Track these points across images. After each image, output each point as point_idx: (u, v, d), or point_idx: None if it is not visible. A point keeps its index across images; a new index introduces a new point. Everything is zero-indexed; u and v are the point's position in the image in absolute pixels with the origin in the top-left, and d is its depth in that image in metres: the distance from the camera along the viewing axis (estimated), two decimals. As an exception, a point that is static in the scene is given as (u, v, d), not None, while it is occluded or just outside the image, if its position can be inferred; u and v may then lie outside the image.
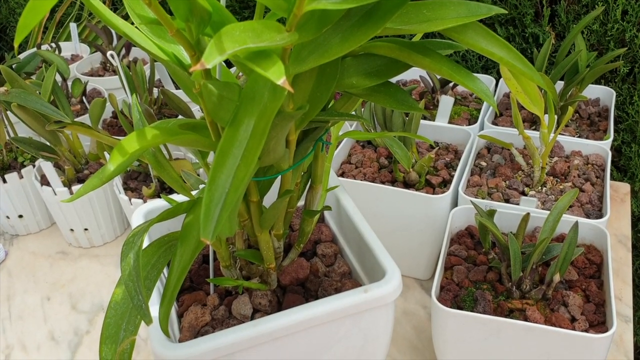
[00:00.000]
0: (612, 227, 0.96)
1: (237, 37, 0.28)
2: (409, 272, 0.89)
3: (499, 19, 1.28)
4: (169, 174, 0.50)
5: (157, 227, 0.65)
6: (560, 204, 0.66)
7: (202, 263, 0.61)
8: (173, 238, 0.47)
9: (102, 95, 1.21)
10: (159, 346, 0.45)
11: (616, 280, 0.86)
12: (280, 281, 0.56)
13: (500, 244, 0.65)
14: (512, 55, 0.37)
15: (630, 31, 1.14)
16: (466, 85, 0.37)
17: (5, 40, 2.05)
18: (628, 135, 1.23)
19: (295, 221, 0.65)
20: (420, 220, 0.82)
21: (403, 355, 0.77)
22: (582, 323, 0.61)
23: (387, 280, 0.50)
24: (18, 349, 0.82)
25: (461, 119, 1.02)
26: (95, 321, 0.86)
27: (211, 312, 0.54)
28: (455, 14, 0.35)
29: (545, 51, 0.97)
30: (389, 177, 0.87)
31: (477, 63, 1.34)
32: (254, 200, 0.46)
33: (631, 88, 1.19)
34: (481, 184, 0.85)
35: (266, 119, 0.32)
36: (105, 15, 0.37)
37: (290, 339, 0.48)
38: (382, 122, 0.92)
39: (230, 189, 0.32)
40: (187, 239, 0.43)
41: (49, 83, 0.90)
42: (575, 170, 0.87)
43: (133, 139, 0.34)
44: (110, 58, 0.77)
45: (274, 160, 0.41)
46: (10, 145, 1.02)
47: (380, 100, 0.42)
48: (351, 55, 0.41)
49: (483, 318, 0.60)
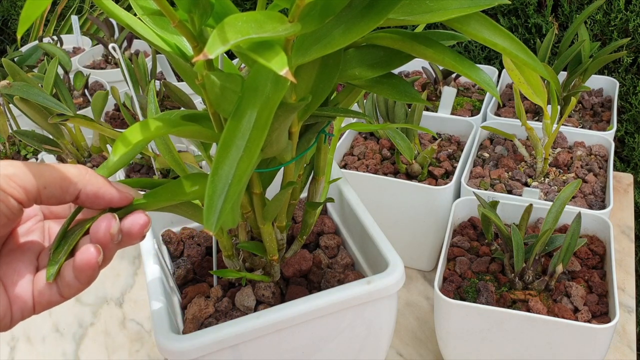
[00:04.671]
0: (615, 217, 0.95)
1: (240, 27, 0.28)
2: (412, 264, 0.90)
3: (502, 10, 1.28)
4: (177, 162, 0.50)
5: (159, 218, 0.65)
6: (563, 195, 0.66)
7: (205, 255, 0.62)
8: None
9: (104, 88, 1.21)
10: (162, 338, 0.45)
11: (619, 271, 0.86)
12: (284, 273, 0.57)
13: (503, 235, 0.65)
14: (514, 46, 0.37)
15: (633, 21, 1.13)
16: (469, 76, 0.37)
17: (7, 34, 2.05)
18: (631, 126, 1.23)
19: (298, 213, 0.65)
20: (423, 212, 0.82)
21: (406, 346, 0.77)
22: (584, 314, 0.61)
23: (390, 272, 0.50)
24: (23, 340, 0.83)
25: (464, 110, 1.02)
26: (99, 313, 0.86)
27: (215, 303, 0.54)
28: (458, 5, 0.35)
29: (548, 41, 0.97)
30: (391, 169, 0.86)
31: (480, 54, 1.34)
32: (256, 192, 0.46)
33: (634, 78, 1.19)
34: (484, 175, 0.85)
35: (269, 110, 0.32)
36: (108, 6, 0.37)
37: (294, 330, 0.49)
38: (385, 114, 0.92)
39: (233, 181, 0.32)
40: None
41: (51, 76, 0.90)
42: (578, 161, 0.87)
43: (136, 129, 0.34)
44: (112, 50, 0.77)
45: (276, 152, 0.41)
46: (13, 138, 1.02)
47: (382, 91, 0.42)
48: (354, 46, 0.41)
49: (486, 309, 0.60)
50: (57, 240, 0.37)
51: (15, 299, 0.36)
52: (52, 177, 0.35)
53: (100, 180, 0.37)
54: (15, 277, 0.36)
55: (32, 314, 0.37)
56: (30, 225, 0.40)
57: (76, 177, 0.36)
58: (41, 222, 0.41)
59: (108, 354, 0.80)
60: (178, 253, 0.62)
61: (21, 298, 0.36)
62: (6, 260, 0.37)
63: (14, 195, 0.33)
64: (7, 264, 0.37)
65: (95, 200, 0.37)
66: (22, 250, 0.38)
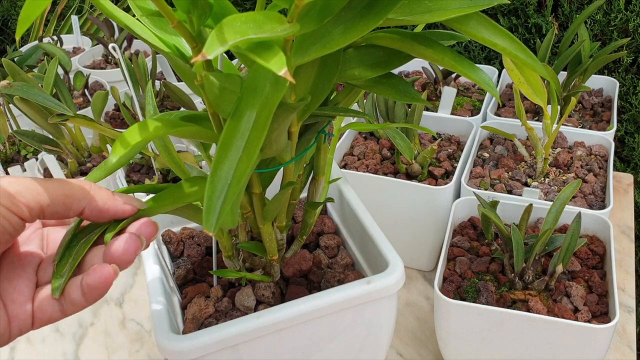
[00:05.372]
0: (615, 217, 0.95)
1: (239, 28, 0.28)
2: (412, 264, 0.89)
3: (502, 10, 1.27)
4: (176, 163, 0.50)
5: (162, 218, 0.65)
6: (563, 195, 0.66)
7: (205, 255, 0.62)
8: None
9: (104, 88, 1.21)
10: (162, 338, 0.45)
11: (619, 271, 0.86)
12: (283, 273, 0.57)
13: (503, 235, 0.65)
14: (514, 46, 0.37)
15: (633, 21, 1.13)
16: (468, 76, 0.37)
17: (7, 34, 2.05)
18: (631, 126, 1.23)
19: (298, 213, 0.65)
20: (423, 212, 0.82)
21: (406, 346, 0.77)
22: (584, 314, 0.61)
23: (390, 272, 0.50)
24: (23, 340, 0.83)
25: (464, 110, 1.02)
26: (99, 313, 0.86)
27: (215, 303, 0.54)
28: (458, 5, 0.35)
29: (548, 41, 0.97)
30: (391, 169, 0.86)
31: (480, 54, 1.34)
32: (256, 192, 0.46)
33: (634, 78, 1.19)
34: (484, 175, 0.85)
35: (268, 110, 0.32)
36: (107, 7, 0.37)
37: (294, 330, 0.49)
38: (385, 114, 0.92)
39: (232, 181, 0.32)
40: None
41: (51, 76, 0.90)
42: (578, 161, 0.87)
43: (135, 130, 0.34)
44: (112, 50, 0.77)
45: (276, 152, 0.41)
46: (13, 138, 1.02)
47: (382, 91, 0.42)
48: (353, 46, 0.41)
49: (486, 309, 0.60)
50: (61, 251, 0.37)
51: (15, 317, 0.36)
52: (56, 194, 0.35)
53: (104, 195, 0.37)
54: (15, 295, 0.36)
55: (31, 329, 0.37)
56: (29, 234, 0.40)
57: (80, 193, 0.36)
58: (40, 230, 0.41)
59: (108, 354, 0.80)
60: (178, 253, 0.62)
61: (20, 315, 0.36)
62: (6, 276, 0.37)
63: (18, 213, 0.33)
64: (7, 280, 0.37)
65: (99, 215, 0.37)
66: (22, 265, 0.38)
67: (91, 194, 0.36)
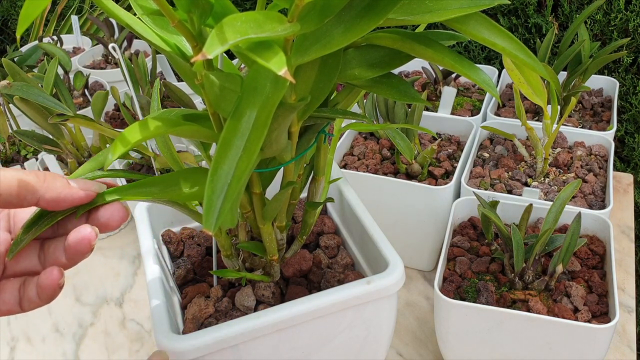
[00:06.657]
0: (615, 217, 0.95)
1: (239, 27, 0.28)
2: (412, 264, 0.90)
3: (502, 10, 1.28)
4: (177, 161, 0.50)
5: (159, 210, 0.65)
6: (563, 195, 0.66)
7: (205, 255, 0.62)
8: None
9: (104, 88, 1.21)
10: (162, 338, 0.45)
11: (619, 271, 0.86)
12: (283, 273, 0.57)
13: (503, 235, 0.65)
14: (514, 46, 0.37)
15: (633, 21, 1.13)
16: (468, 76, 0.37)
17: (6, 33, 2.05)
18: (631, 126, 1.23)
19: (298, 213, 0.65)
20: (423, 212, 0.82)
21: (406, 346, 0.77)
22: (584, 314, 0.61)
23: (390, 272, 0.50)
24: (23, 340, 0.83)
25: (464, 110, 1.02)
26: (99, 313, 0.86)
27: (215, 303, 0.54)
28: (458, 5, 0.35)
29: (548, 41, 0.97)
30: (391, 169, 0.86)
31: (480, 54, 1.34)
32: (256, 192, 0.46)
33: (635, 78, 1.19)
34: (484, 175, 0.85)
35: (268, 110, 0.32)
36: (108, 6, 0.37)
37: (294, 330, 0.49)
38: (385, 114, 0.92)
39: (232, 181, 0.32)
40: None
41: (51, 76, 0.90)
42: (578, 161, 0.87)
43: (135, 129, 0.34)
44: (112, 50, 0.77)
45: (276, 151, 0.41)
46: (13, 138, 1.02)
47: (382, 91, 0.42)
48: (353, 46, 0.41)
49: (486, 309, 0.60)
50: (24, 228, 0.38)
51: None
52: (7, 185, 0.35)
53: (59, 184, 0.37)
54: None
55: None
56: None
57: (34, 184, 0.36)
58: (6, 211, 0.41)
59: (108, 354, 0.80)
60: (178, 253, 0.62)
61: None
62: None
63: None
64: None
65: (57, 204, 0.37)
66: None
67: (45, 185, 0.36)
